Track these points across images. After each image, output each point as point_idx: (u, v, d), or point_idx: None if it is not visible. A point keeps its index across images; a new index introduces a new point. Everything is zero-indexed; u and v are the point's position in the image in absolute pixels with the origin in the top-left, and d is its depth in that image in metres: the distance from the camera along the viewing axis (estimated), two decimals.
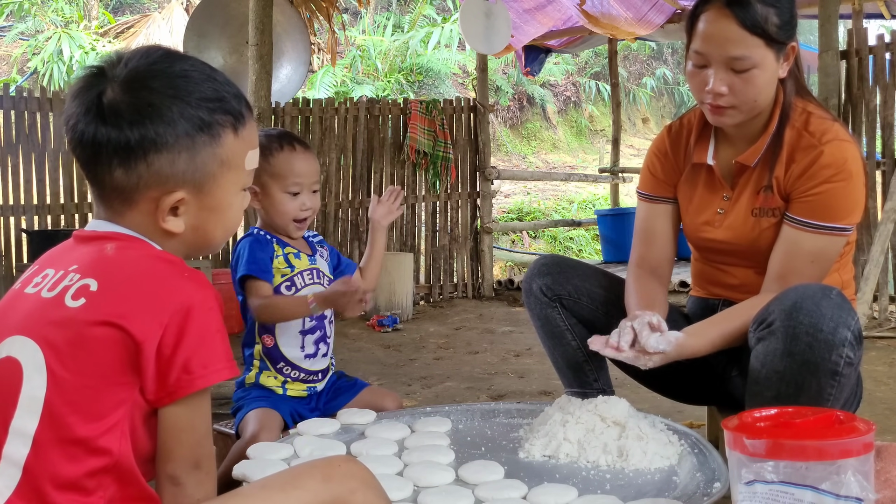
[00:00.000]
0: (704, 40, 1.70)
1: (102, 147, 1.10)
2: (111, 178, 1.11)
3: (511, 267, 8.98)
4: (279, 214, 2.02)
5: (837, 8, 4.86)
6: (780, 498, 1.06)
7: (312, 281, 2.06)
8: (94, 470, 1.04)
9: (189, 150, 1.12)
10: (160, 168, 1.11)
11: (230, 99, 1.16)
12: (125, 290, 1.06)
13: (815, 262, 1.72)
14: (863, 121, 4.91)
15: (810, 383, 1.53)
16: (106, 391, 1.05)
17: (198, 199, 1.15)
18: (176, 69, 1.13)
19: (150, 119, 1.10)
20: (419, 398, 3.37)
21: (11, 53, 12.73)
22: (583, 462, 1.58)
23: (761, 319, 1.61)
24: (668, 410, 2.58)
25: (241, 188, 1.21)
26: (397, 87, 12.94)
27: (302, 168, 2.02)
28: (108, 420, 1.04)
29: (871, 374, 3.49)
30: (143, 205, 1.13)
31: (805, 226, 1.72)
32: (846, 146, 1.71)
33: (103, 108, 1.10)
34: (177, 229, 1.14)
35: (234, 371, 1.09)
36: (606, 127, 13.78)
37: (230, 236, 1.26)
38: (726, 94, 1.71)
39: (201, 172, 1.13)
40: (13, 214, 5.35)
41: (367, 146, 6.15)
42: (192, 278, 1.09)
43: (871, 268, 4.26)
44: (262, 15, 5.26)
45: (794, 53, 1.75)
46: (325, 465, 1.14)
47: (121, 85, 1.11)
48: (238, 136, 1.17)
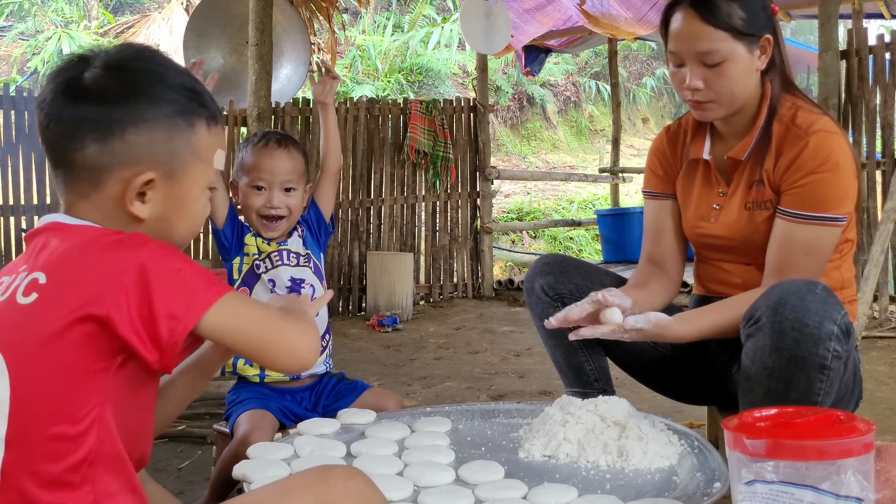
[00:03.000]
0: (675, 39, 1.78)
1: (82, 122, 1.10)
2: (82, 156, 1.10)
3: (511, 267, 8.98)
4: (246, 208, 2.05)
5: (837, 8, 4.86)
6: (780, 498, 1.06)
7: (286, 262, 2.06)
8: (76, 463, 1.03)
9: (166, 132, 1.13)
10: (136, 146, 1.11)
11: (206, 95, 1.19)
12: (75, 276, 1.04)
13: (811, 254, 1.73)
14: (863, 121, 4.90)
15: (799, 378, 1.54)
16: (76, 384, 1.03)
17: (167, 186, 1.14)
18: (157, 59, 1.17)
19: (134, 95, 1.11)
20: (419, 398, 3.37)
21: (11, 53, 12.73)
22: (583, 462, 1.58)
23: (749, 316, 1.62)
24: (668, 410, 2.58)
25: (206, 185, 1.21)
26: (397, 87, 12.94)
27: (267, 164, 2.01)
28: (82, 410, 1.03)
29: (872, 374, 3.49)
30: (110, 186, 1.11)
31: (796, 217, 1.74)
32: (832, 137, 1.73)
33: (85, 85, 1.10)
34: (142, 214, 1.13)
35: (220, 290, 1.08)
36: (606, 127, 13.79)
37: (192, 236, 1.25)
38: (703, 89, 1.77)
39: (174, 157, 1.14)
40: (13, 214, 5.36)
41: (367, 146, 6.15)
42: (131, 240, 1.08)
43: (871, 268, 4.26)
44: (262, 15, 5.26)
45: (770, 46, 1.78)
46: (320, 483, 1.10)
47: (104, 66, 1.12)
48: (210, 132, 1.19)
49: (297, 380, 2.05)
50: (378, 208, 6.19)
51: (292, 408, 2.00)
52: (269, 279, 2.04)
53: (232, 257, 2.06)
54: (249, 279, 2.04)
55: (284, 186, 2.02)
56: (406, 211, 6.28)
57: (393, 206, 6.22)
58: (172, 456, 2.57)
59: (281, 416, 1.97)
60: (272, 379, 2.02)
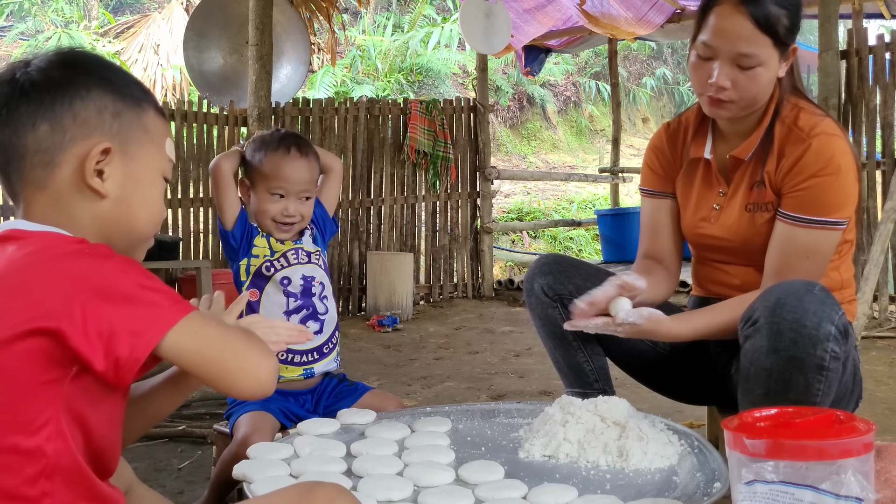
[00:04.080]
0: (715, 34, 1.72)
1: (28, 110, 1.08)
2: (34, 139, 1.09)
3: (511, 267, 8.98)
4: (260, 212, 2.04)
5: (837, 8, 4.86)
6: (780, 498, 1.06)
7: (300, 261, 2.07)
8: (31, 476, 1.00)
9: (114, 106, 1.12)
10: (87, 119, 1.10)
11: (150, 93, 1.20)
12: (26, 287, 1.01)
13: (811, 258, 1.73)
14: (863, 121, 4.91)
15: (797, 379, 1.54)
16: (26, 394, 1.00)
17: (122, 163, 1.13)
18: (97, 55, 1.18)
19: (77, 74, 1.11)
20: (419, 398, 3.37)
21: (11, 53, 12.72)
22: (583, 462, 1.58)
23: (747, 317, 1.62)
24: (668, 410, 2.58)
25: (161, 172, 1.19)
26: (397, 87, 12.94)
27: (289, 174, 2.01)
28: (35, 423, 1.00)
29: (871, 374, 3.49)
30: (66, 167, 1.10)
31: (797, 221, 1.73)
32: (834, 140, 1.73)
33: (28, 78, 1.10)
34: (102, 190, 1.11)
35: (183, 309, 1.04)
36: (606, 127, 13.79)
37: (154, 229, 1.20)
38: (728, 89, 1.73)
39: (126, 132, 1.13)
40: (13, 215, 5.36)
41: (367, 146, 6.15)
42: (94, 251, 1.05)
43: (871, 268, 4.26)
44: (262, 15, 5.27)
45: (794, 55, 1.78)
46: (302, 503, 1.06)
47: (43, 61, 1.12)
48: (158, 118, 1.19)
49: (307, 380, 2.05)
50: (378, 208, 6.19)
51: (294, 409, 2.00)
52: (282, 278, 2.04)
53: (240, 258, 2.05)
54: (258, 280, 2.04)
55: (302, 196, 2.04)
56: (406, 211, 6.28)
57: (393, 206, 6.22)
58: (172, 456, 2.57)
59: (282, 417, 1.97)
60: (285, 380, 2.03)
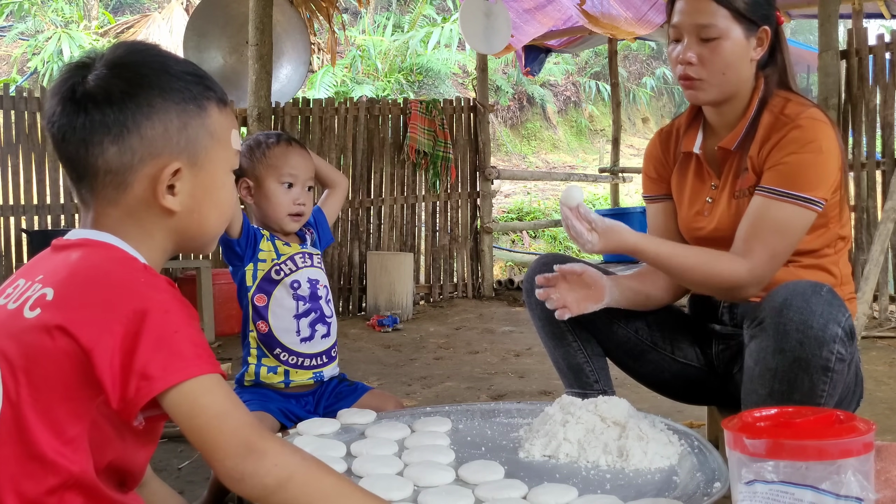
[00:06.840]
0: (677, 12, 1.82)
1: (95, 127, 1.08)
2: (104, 161, 1.09)
3: (511, 267, 8.98)
4: (273, 207, 2.04)
5: (837, 8, 4.86)
6: (780, 498, 1.06)
7: (305, 264, 2.08)
8: (53, 487, 1.01)
9: (180, 119, 1.12)
10: (154, 139, 1.10)
11: (210, 79, 1.19)
12: (78, 297, 1.03)
13: (780, 233, 1.72)
14: (863, 121, 4.90)
15: (802, 380, 1.54)
16: (61, 405, 1.02)
17: (192, 174, 1.14)
18: (155, 51, 1.17)
19: (141, 89, 1.10)
20: (419, 398, 3.37)
21: (11, 53, 12.74)
22: (583, 462, 1.57)
23: (753, 317, 1.62)
24: (668, 410, 2.58)
25: (230, 167, 1.20)
26: (397, 87, 12.95)
27: (297, 161, 2.06)
28: (65, 436, 1.02)
29: (871, 374, 3.49)
30: (137, 186, 1.11)
31: (772, 193, 1.73)
32: (820, 125, 1.74)
33: (89, 89, 1.09)
34: (174, 207, 1.12)
35: (204, 367, 1.02)
36: (606, 127, 13.79)
37: (224, 224, 1.23)
38: (695, 64, 1.79)
39: (194, 143, 1.13)
40: (13, 214, 5.35)
41: (367, 146, 6.15)
42: (148, 283, 1.05)
43: (871, 267, 4.26)
44: (262, 15, 5.27)
45: (767, 38, 1.80)
46: None
47: (105, 67, 1.11)
48: (222, 113, 1.18)
49: (316, 383, 2.07)
50: (378, 208, 6.19)
51: (294, 410, 2.01)
52: (292, 281, 2.05)
53: (245, 264, 2.05)
54: (265, 285, 2.04)
55: (307, 185, 2.08)
56: (406, 211, 6.28)
57: (393, 206, 6.22)
58: (172, 456, 2.57)
59: (282, 417, 1.97)
60: (296, 384, 2.04)
